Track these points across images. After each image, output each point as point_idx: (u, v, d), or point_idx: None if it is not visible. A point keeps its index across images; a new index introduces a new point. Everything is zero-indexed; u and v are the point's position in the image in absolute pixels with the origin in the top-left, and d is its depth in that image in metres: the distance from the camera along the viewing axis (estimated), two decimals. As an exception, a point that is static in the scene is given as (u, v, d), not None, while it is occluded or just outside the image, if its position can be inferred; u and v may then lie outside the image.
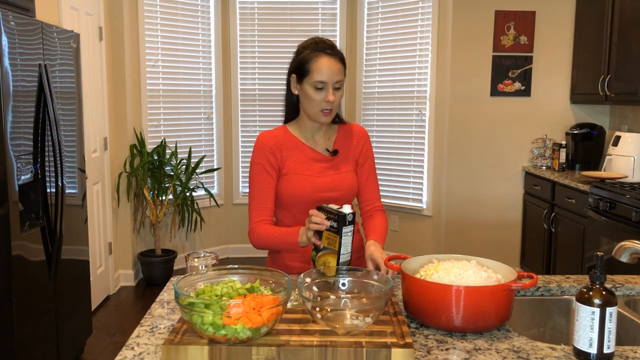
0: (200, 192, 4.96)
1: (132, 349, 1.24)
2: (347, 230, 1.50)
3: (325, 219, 1.53)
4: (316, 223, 1.54)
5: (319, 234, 1.56)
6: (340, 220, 1.48)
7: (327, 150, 1.83)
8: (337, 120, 1.86)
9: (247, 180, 1.83)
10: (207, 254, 1.52)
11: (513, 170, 4.74)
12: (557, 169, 4.41)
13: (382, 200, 1.95)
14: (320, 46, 1.72)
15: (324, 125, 1.82)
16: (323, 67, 1.69)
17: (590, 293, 1.18)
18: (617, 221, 3.31)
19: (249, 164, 1.85)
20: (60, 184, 2.82)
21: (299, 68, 1.73)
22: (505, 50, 4.59)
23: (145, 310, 3.97)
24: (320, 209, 1.56)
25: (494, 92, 4.64)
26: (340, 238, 1.49)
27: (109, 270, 4.27)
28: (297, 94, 1.77)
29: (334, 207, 1.54)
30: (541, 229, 4.37)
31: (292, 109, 1.83)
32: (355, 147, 1.87)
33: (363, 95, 5.24)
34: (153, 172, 4.51)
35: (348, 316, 1.22)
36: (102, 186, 4.13)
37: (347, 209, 1.51)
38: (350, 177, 1.84)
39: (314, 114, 1.74)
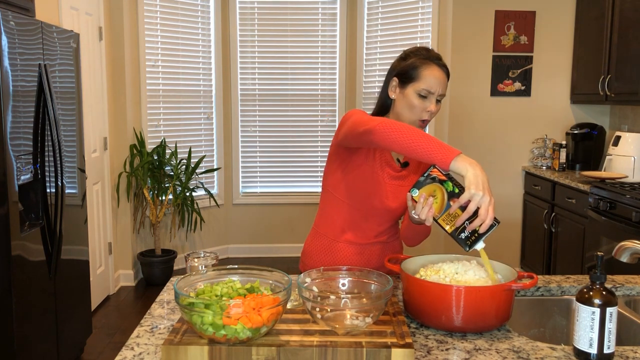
0: (200, 192, 4.96)
1: (132, 349, 1.24)
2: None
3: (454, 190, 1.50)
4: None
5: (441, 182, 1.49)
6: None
7: (398, 160, 1.76)
8: None
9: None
10: (207, 254, 1.51)
11: (513, 170, 4.73)
12: (557, 169, 4.41)
13: None
14: (431, 55, 1.67)
15: None
16: (432, 77, 1.64)
17: (591, 293, 1.18)
18: (617, 221, 3.31)
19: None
20: (60, 184, 2.82)
21: (405, 73, 1.67)
22: (505, 50, 4.59)
23: (145, 310, 3.97)
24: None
25: (494, 92, 4.64)
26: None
27: (109, 270, 4.27)
28: (393, 98, 1.72)
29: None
30: (541, 229, 4.37)
31: (383, 109, 1.77)
32: (424, 166, 1.79)
33: (363, 95, 5.23)
34: (153, 172, 4.51)
35: (348, 316, 1.22)
36: (102, 186, 4.13)
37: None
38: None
39: (410, 122, 1.68)
